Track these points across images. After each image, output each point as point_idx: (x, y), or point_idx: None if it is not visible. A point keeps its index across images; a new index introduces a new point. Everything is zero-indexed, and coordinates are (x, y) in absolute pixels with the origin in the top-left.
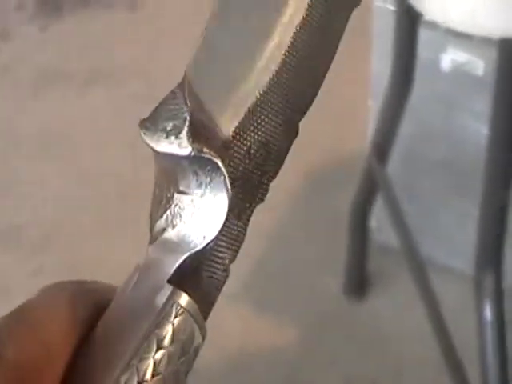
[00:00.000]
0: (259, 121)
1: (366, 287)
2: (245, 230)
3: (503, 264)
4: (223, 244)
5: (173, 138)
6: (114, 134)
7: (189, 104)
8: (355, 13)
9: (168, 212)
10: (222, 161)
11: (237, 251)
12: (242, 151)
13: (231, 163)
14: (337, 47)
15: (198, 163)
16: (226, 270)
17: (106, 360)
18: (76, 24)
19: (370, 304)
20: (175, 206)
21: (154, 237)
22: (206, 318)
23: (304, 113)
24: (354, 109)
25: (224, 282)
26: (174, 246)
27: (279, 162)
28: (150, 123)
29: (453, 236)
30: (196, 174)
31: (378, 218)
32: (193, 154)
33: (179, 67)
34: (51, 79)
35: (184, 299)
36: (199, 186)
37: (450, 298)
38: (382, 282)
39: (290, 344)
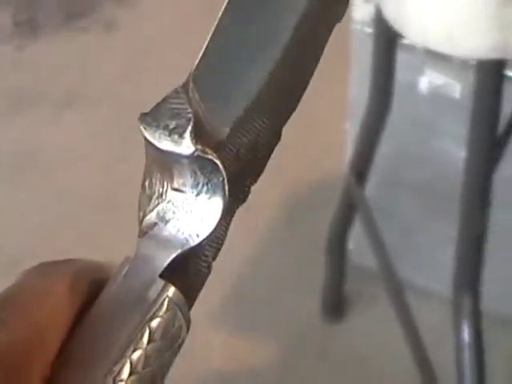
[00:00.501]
0: (250, 125)
1: (343, 308)
2: (227, 229)
3: (481, 286)
4: (208, 242)
5: (176, 136)
6: (89, 156)
7: (193, 104)
8: (333, 35)
9: (160, 207)
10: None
11: (219, 249)
12: (233, 153)
13: (224, 164)
14: (318, 60)
15: (198, 163)
16: (209, 267)
17: (98, 349)
18: (52, 45)
19: (347, 325)
20: (168, 202)
21: (144, 230)
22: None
23: (288, 119)
24: (332, 131)
25: (206, 279)
26: (166, 242)
27: (262, 166)
28: (152, 119)
29: (430, 258)
30: (194, 173)
31: (356, 240)
32: (196, 154)
33: (154, 89)
34: (26, 100)
35: (175, 294)
36: (196, 185)
37: (427, 320)
38: (360, 302)
39: (269, 364)
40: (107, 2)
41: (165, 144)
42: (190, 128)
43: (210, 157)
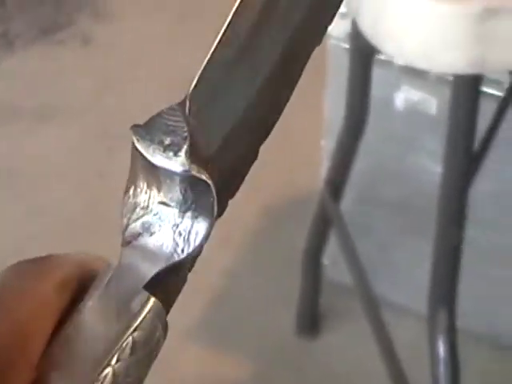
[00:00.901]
0: (236, 142)
1: (318, 324)
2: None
3: (457, 301)
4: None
5: (171, 153)
6: (64, 171)
7: (190, 123)
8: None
9: (145, 218)
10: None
11: (195, 261)
12: (218, 171)
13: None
14: (299, 79)
15: (189, 182)
16: (185, 278)
17: (82, 356)
18: (28, 59)
19: (322, 341)
20: (154, 215)
21: (128, 239)
22: None
23: (268, 135)
24: (308, 147)
25: (181, 289)
26: (151, 254)
27: (240, 182)
28: (145, 132)
29: (406, 274)
30: (185, 190)
31: (332, 255)
32: (190, 174)
33: (131, 104)
34: (2, 115)
35: (157, 306)
36: (184, 202)
37: (403, 336)
38: (335, 318)
39: (244, 379)
40: (84, 16)
41: (158, 159)
42: (185, 147)
43: (203, 177)
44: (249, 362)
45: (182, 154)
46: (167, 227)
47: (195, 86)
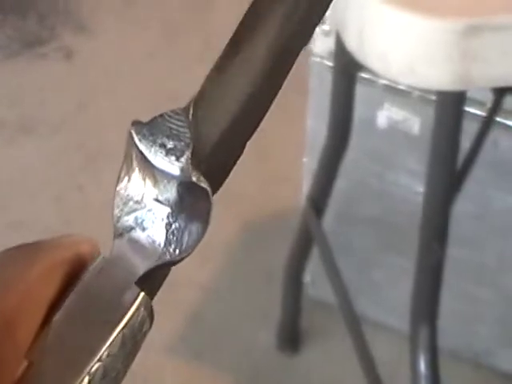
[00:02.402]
0: (228, 145)
1: (299, 342)
2: None
3: (438, 319)
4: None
5: (173, 158)
6: (44, 185)
7: (192, 129)
8: (292, 68)
9: (139, 213)
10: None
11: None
12: (210, 172)
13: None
14: (284, 80)
15: (188, 187)
16: (169, 272)
17: (73, 348)
18: (11, 73)
19: (303, 358)
20: (149, 210)
21: (119, 231)
22: None
23: (253, 134)
24: (290, 164)
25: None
26: (143, 250)
27: (223, 180)
28: (148, 132)
29: (387, 292)
30: (182, 193)
31: (313, 273)
32: (191, 180)
33: (111, 118)
34: None
35: (146, 302)
36: (180, 204)
37: (383, 353)
38: (316, 336)
39: None
40: (67, 30)
41: (159, 162)
42: (187, 154)
43: (202, 185)
44: (228, 379)
45: (184, 160)
46: (160, 225)
47: (199, 92)
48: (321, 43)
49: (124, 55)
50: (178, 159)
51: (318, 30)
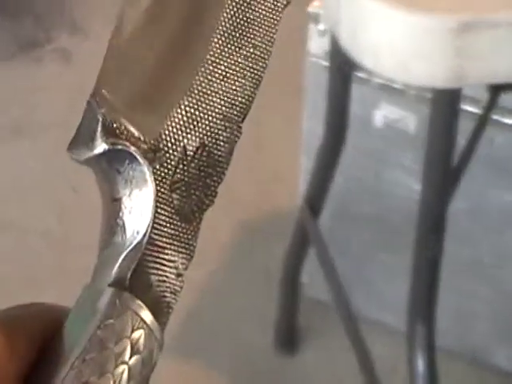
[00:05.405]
0: (191, 120)
1: (296, 341)
2: (195, 233)
3: (435, 317)
4: (171, 247)
5: (90, 143)
6: (38, 186)
7: (101, 107)
8: (288, 67)
9: (107, 226)
10: (151, 161)
11: (189, 255)
12: (177, 152)
13: (165, 164)
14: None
15: (116, 160)
16: (181, 276)
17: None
18: (6, 76)
19: (300, 358)
20: (111, 217)
21: (101, 251)
22: (164, 324)
23: (244, 113)
24: (286, 164)
25: (180, 288)
26: (114, 250)
27: (223, 164)
28: (74, 143)
29: (384, 291)
30: (118, 171)
31: (310, 273)
32: (107, 148)
33: None
34: None
35: (126, 298)
36: (125, 184)
37: (381, 352)
38: (313, 336)
39: None
40: (63, 33)
41: (84, 154)
42: (99, 128)
43: (121, 146)
44: (226, 379)
45: (97, 135)
46: (123, 220)
47: (104, 70)
48: (316, 43)
49: None
50: (92, 139)
51: (313, 29)
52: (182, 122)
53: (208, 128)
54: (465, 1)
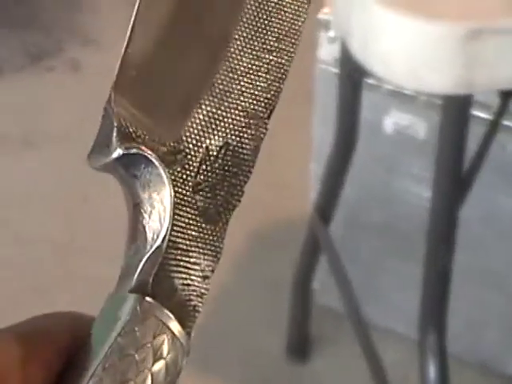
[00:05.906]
0: (213, 120)
1: (308, 349)
2: (221, 234)
3: (447, 325)
4: (195, 249)
5: (106, 149)
6: (49, 198)
7: (117, 112)
8: (298, 75)
9: (131, 232)
10: (171, 164)
11: (216, 257)
12: (199, 153)
13: (187, 166)
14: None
15: (132, 164)
16: (207, 278)
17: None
18: (17, 86)
19: (312, 366)
20: (134, 223)
21: (125, 259)
22: (190, 328)
23: (270, 109)
24: (296, 171)
25: (207, 291)
26: (136, 256)
27: (249, 162)
28: (93, 151)
29: (395, 298)
30: (135, 176)
31: (321, 280)
32: (122, 152)
33: None
34: None
35: (147, 304)
36: (143, 189)
37: (393, 360)
38: (325, 343)
39: None
40: (73, 43)
41: (101, 160)
42: (114, 133)
43: (135, 150)
44: None
45: (113, 140)
46: (142, 226)
47: (120, 76)
48: (326, 50)
49: None
50: (108, 146)
51: (323, 36)
52: (203, 122)
53: (231, 126)
54: (474, 8)
